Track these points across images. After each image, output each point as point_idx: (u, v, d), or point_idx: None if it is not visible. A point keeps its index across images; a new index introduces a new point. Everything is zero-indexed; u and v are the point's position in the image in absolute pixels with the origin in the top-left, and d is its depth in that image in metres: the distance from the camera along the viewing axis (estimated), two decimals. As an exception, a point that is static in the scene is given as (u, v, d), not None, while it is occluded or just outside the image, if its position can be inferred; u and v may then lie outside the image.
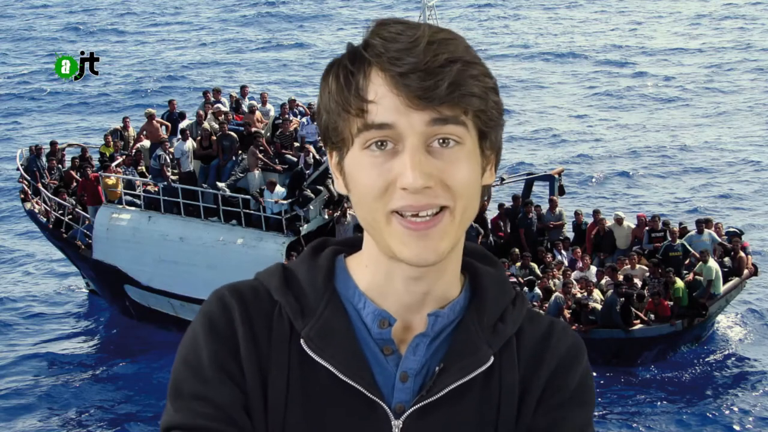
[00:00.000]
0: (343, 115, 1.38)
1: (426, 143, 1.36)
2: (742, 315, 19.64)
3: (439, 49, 1.35)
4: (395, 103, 1.34)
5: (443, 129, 1.35)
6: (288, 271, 1.52)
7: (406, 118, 1.34)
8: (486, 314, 1.50)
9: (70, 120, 37.19)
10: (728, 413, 16.34)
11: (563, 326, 1.57)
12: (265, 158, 19.02)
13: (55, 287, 22.96)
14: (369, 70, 1.36)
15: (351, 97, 1.36)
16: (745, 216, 25.68)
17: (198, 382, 1.42)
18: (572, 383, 1.52)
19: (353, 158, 1.40)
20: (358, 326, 1.47)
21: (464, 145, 1.38)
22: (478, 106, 1.37)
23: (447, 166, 1.36)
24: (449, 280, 1.48)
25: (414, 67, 1.33)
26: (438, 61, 1.34)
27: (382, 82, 1.35)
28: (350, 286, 1.49)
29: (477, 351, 1.47)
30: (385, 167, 1.36)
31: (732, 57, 42.52)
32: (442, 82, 1.33)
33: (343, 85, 1.38)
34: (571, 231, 19.48)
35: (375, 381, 1.45)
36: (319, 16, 54.12)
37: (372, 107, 1.35)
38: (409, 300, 1.47)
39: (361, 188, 1.39)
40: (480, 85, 1.37)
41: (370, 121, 1.35)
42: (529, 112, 36.10)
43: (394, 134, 1.35)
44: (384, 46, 1.36)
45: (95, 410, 17.37)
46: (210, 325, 1.46)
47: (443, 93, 1.33)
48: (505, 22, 52.17)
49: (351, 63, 1.38)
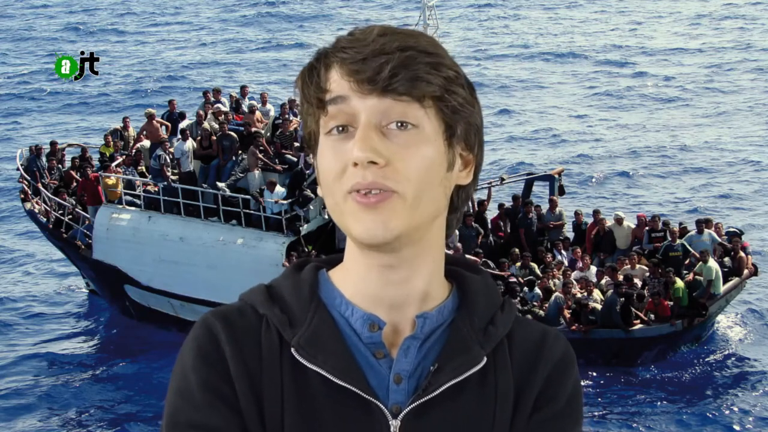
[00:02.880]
0: (310, 110, 1.43)
1: (381, 124, 1.37)
2: (742, 315, 19.64)
3: (392, 39, 1.38)
4: (348, 89, 1.38)
5: (396, 110, 1.37)
6: (271, 288, 1.53)
7: (360, 100, 1.37)
8: (476, 317, 1.51)
9: (70, 120, 37.19)
10: (728, 413, 16.34)
11: (555, 333, 1.57)
12: (265, 158, 19.03)
13: (55, 287, 22.96)
14: (329, 63, 1.40)
15: (312, 89, 1.41)
16: (745, 216, 25.68)
17: (192, 410, 1.42)
18: (565, 393, 1.53)
19: (320, 150, 1.43)
20: (347, 333, 1.47)
21: (422, 130, 1.38)
22: (431, 92, 1.38)
23: (400, 149, 1.37)
24: (429, 279, 1.48)
25: (364, 55, 1.36)
26: (386, 48, 1.37)
27: (337, 72, 1.39)
28: (335, 295, 1.50)
29: (470, 351, 1.48)
30: (342, 149, 1.38)
31: (732, 57, 42.51)
32: (387, 65, 1.35)
33: (307, 81, 1.42)
34: (571, 231, 19.49)
35: (369, 383, 1.45)
36: (319, 16, 54.14)
37: (327, 95, 1.39)
38: (390, 296, 1.47)
39: (322, 174, 1.42)
40: (435, 73, 1.38)
41: (326, 98, 1.39)
42: (529, 112, 36.09)
43: (348, 112, 1.38)
44: (345, 41, 1.40)
45: (95, 410, 17.37)
46: (197, 351, 1.46)
47: (387, 75, 1.35)
48: (505, 22, 52.17)
49: (316, 60, 1.43)
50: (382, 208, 1.37)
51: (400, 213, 1.38)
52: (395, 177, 1.36)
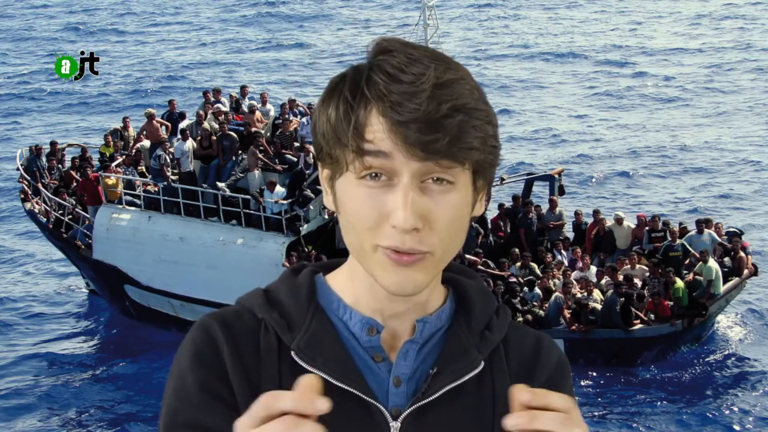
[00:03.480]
0: (340, 146, 1.37)
1: (420, 180, 1.35)
2: (742, 315, 19.64)
3: (443, 96, 1.31)
4: (393, 147, 1.32)
5: (437, 169, 1.34)
6: (269, 292, 1.53)
7: (405, 160, 1.33)
8: (473, 322, 1.53)
9: (70, 120, 37.19)
10: (728, 413, 16.34)
11: (549, 339, 1.60)
12: (265, 158, 19.03)
13: (55, 287, 22.96)
14: (369, 108, 1.33)
15: (349, 132, 1.34)
16: (745, 216, 25.68)
17: (189, 410, 1.42)
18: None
19: (346, 184, 1.39)
20: (345, 337, 1.48)
21: (457, 185, 1.38)
22: (476, 158, 1.37)
23: (437, 207, 1.36)
24: (429, 291, 1.50)
25: (415, 117, 1.30)
26: (441, 111, 1.30)
27: (381, 126, 1.32)
28: (333, 300, 1.51)
29: (468, 355, 1.49)
30: (379, 200, 1.35)
31: (732, 57, 42.52)
32: (443, 137, 1.31)
33: (342, 119, 1.35)
34: (571, 231, 19.49)
35: (369, 386, 1.45)
36: (319, 16, 54.13)
37: (368, 145, 1.34)
38: (393, 310, 1.49)
39: (353, 217, 1.38)
40: (480, 137, 1.35)
41: (367, 149, 1.33)
42: (529, 112, 36.09)
43: (388, 166, 1.34)
44: (386, 87, 1.32)
45: (95, 410, 17.38)
46: (194, 352, 1.45)
47: (443, 148, 1.32)
48: (505, 22, 52.17)
49: (352, 97, 1.35)
50: (414, 268, 1.37)
51: (430, 269, 1.39)
52: (430, 240, 1.36)
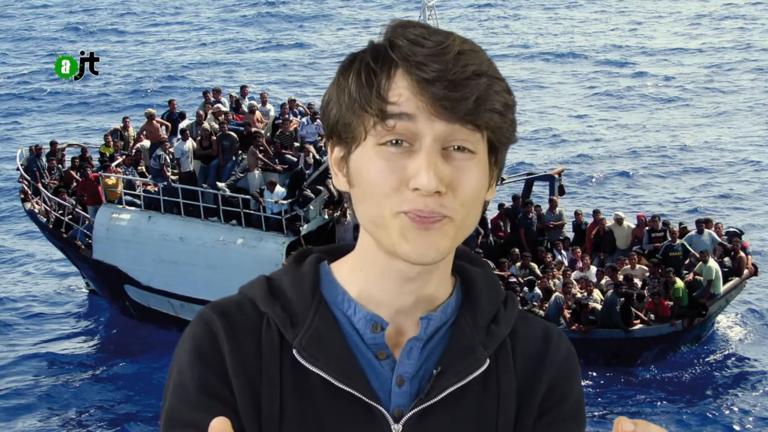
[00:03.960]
0: (359, 113, 1.36)
1: (442, 147, 1.34)
2: (742, 315, 19.64)
3: (467, 60, 1.32)
4: (417, 108, 1.32)
5: (459, 135, 1.34)
6: (272, 281, 1.51)
7: (428, 122, 1.33)
8: (479, 316, 1.50)
9: (70, 120, 37.18)
10: (728, 413, 16.34)
11: (558, 331, 1.57)
12: (265, 158, 19.02)
13: (55, 287, 22.95)
14: (394, 72, 1.33)
15: (372, 96, 1.33)
16: (745, 216, 25.68)
17: (188, 409, 1.41)
18: (572, 395, 1.52)
19: (364, 153, 1.37)
20: (348, 332, 1.46)
21: (477, 155, 1.37)
22: (498, 122, 1.36)
23: (458, 174, 1.35)
24: (439, 282, 1.48)
25: (441, 75, 1.30)
26: (466, 73, 1.31)
27: (406, 85, 1.32)
28: (338, 292, 1.48)
29: (473, 353, 1.47)
30: (400, 164, 1.34)
31: (732, 57, 42.52)
32: (470, 95, 1.31)
33: (364, 83, 1.35)
34: (571, 231, 19.48)
35: (371, 386, 1.43)
36: (319, 16, 54.13)
37: (392, 108, 1.33)
38: (400, 303, 1.46)
39: (370, 184, 1.36)
40: (503, 102, 1.36)
41: (391, 111, 1.33)
42: (529, 112, 36.07)
43: (411, 130, 1.33)
44: (410, 48, 1.32)
45: (95, 410, 17.37)
46: (195, 348, 1.44)
47: (470, 107, 1.32)
48: (505, 22, 52.18)
49: (374, 61, 1.35)
50: (435, 231, 1.36)
51: (450, 235, 1.37)
52: (452, 204, 1.35)
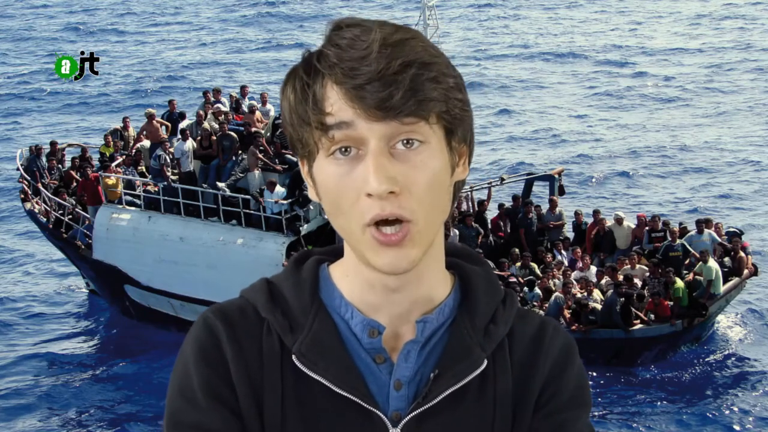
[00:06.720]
0: (305, 127, 1.36)
1: (389, 145, 1.33)
2: (742, 315, 19.65)
3: (393, 54, 1.30)
4: (354, 114, 1.31)
5: (402, 129, 1.32)
6: (273, 286, 1.52)
7: (367, 124, 1.32)
8: (477, 316, 1.49)
9: (70, 120, 37.19)
10: (728, 413, 16.34)
11: (554, 326, 1.55)
12: (265, 158, 19.02)
13: (55, 287, 22.96)
14: (325, 82, 1.33)
15: (309, 110, 1.34)
16: (745, 216, 25.68)
17: (192, 411, 1.42)
18: (568, 386, 1.51)
19: (320, 167, 1.37)
20: (347, 337, 1.46)
21: (429, 144, 1.35)
22: (438, 109, 1.34)
23: (411, 170, 1.33)
24: (432, 283, 1.47)
25: (369, 78, 1.29)
26: (392, 68, 1.29)
27: (337, 95, 1.31)
28: (336, 296, 1.49)
29: (470, 355, 1.47)
30: (351, 176, 1.34)
31: (732, 57, 42.52)
32: (397, 91, 1.29)
33: (300, 98, 1.35)
34: (571, 231, 19.48)
35: (369, 391, 1.44)
36: (319, 16, 54.11)
37: (330, 118, 1.33)
38: (394, 308, 1.46)
39: (331, 196, 1.37)
40: (439, 88, 1.34)
41: (329, 122, 1.32)
42: (529, 112, 36.09)
43: (354, 137, 1.32)
44: (337, 56, 1.32)
45: (95, 410, 17.37)
46: (199, 352, 1.45)
47: (399, 102, 1.30)
48: (505, 22, 52.17)
49: (306, 74, 1.35)
50: (404, 243, 1.35)
51: (417, 241, 1.36)
52: (409, 204, 1.33)
